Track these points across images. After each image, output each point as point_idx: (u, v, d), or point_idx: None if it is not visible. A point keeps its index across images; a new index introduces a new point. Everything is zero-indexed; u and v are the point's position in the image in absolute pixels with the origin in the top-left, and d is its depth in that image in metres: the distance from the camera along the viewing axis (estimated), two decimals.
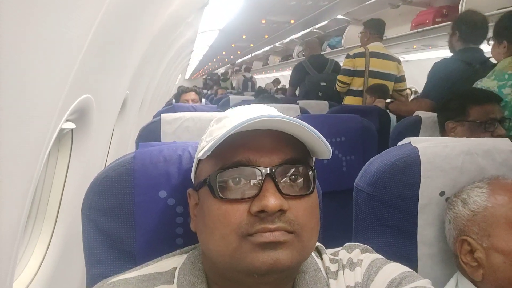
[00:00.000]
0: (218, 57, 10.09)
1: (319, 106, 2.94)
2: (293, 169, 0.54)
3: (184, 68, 8.77)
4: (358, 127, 1.64)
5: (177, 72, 6.92)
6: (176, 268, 0.61)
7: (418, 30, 3.42)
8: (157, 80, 3.43)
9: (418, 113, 1.79)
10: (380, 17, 4.32)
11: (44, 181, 0.95)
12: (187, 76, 15.05)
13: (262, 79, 13.18)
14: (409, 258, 0.79)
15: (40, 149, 0.71)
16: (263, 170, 0.52)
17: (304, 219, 0.53)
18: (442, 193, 0.79)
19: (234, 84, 9.83)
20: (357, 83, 3.02)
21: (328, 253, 0.64)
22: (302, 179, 0.54)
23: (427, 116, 1.74)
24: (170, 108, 2.17)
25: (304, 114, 2.15)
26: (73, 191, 0.98)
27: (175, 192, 0.69)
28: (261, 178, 0.52)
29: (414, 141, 0.80)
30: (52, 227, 0.95)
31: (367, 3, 3.65)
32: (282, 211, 0.51)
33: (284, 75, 10.90)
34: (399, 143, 0.83)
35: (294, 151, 0.55)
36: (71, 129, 0.91)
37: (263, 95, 4.05)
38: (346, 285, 0.59)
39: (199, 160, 0.60)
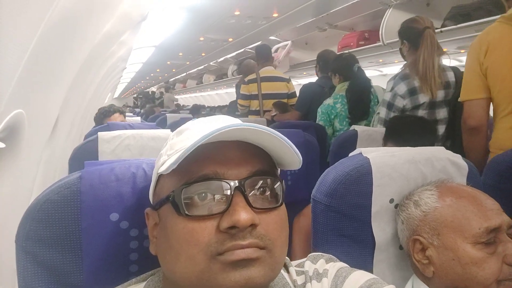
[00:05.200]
0: (152, 74, 9.82)
1: (258, 123, 3.01)
2: (262, 181, 0.52)
3: (114, 86, 8.36)
4: (301, 142, 1.69)
5: (107, 91, 6.56)
6: None
7: (344, 52, 3.70)
8: (87, 99, 3.21)
9: (354, 127, 1.93)
10: (309, 39, 4.60)
11: None
12: (116, 94, 14.37)
13: (197, 97, 13.09)
14: (365, 266, 0.81)
15: None
16: (232, 183, 0.49)
17: (275, 234, 0.51)
18: (391, 200, 0.83)
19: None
20: (255, 105, 3.54)
21: (293, 265, 0.64)
22: (270, 191, 0.53)
23: (362, 130, 1.87)
24: (104, 127, 2.04)
25: None
26: (0, 219, 0.85)
27: (129, 213, 0.63)
28: (229, 192, 0.49)
29: (365, 151, 0.84)
30: None
31: (297, 25, 3.86)
32: (253, 226, 0.49)
33: (219, 94, 10.95)
34: (351, 154, 0.86)
35: (262, 162, 0.54)
36: None
37: (203, 113, 4.10)
38: None
39: (159, 176, 0.56)
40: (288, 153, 0.53)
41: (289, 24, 3.86)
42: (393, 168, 0.82)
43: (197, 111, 5.48)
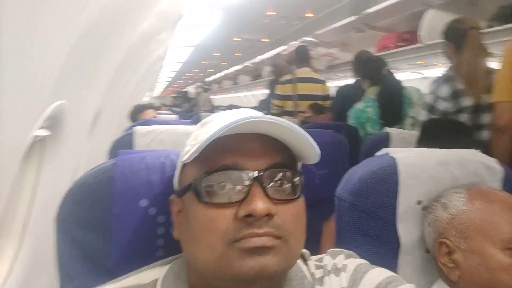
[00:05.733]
0: (189, 74, 10.07)
1: None
2: (281, 174, 0.54)
3: (152, 85, 8.66)
4: (331, 142, 1.67)
5: (145, 89, 6.82)
6: (158, 279, 0.58)
7: (382, 53, 3.60)
8: (126, 97, 3.36)
9: (387, 129, 1.88)
10: (346, 40, 4.53)
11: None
12: (156, 93, 14.85)
13: (232, 98, 13.27)
14: (389, 266, 0.79)
15: (15, 157, 0.67)
16: (250, 174, 0.51)
17: (291, 225, 0.52)
18: (419, 202, 0.81)
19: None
20: (290, 105, 3.49)
21: (312, 259, 0.64)
22: (289, 184, 0.54)
23: (397, 133, 1.82)
24: (142, 122, 2.14)
25: None
26: (44, 201, 0.92)
27: (157, 201, 0.67)
28: (248, 182, 0.51)
29: (392, 151, 0.83)
30: (18, 241, 0.87)
31: (333, 26, 3.82)
32: (269, 216, 0.50)
33: (254, 95, 11.03)
34: (377, 153, 0.85)
35: (281, 155, 0.55)
36: (43, 137, 0.86)
37: None
38: None
39: (184, 165, 0.59)
40: (306, 146, 0.54)
41: (324, 24, 3.83)
42: (421, 169, 0.80)
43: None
